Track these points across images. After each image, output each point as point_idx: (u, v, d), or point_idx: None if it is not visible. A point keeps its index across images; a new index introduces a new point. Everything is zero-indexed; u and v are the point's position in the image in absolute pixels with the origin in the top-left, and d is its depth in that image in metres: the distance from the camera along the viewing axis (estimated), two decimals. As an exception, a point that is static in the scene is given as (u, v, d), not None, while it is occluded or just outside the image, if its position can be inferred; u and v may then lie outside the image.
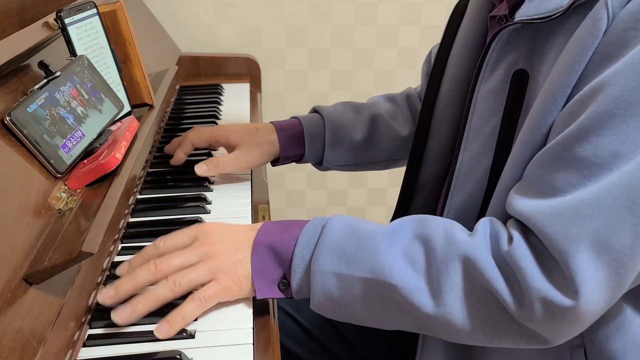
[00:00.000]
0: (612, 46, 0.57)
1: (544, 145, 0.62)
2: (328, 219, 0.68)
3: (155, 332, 0.62)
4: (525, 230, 0.61)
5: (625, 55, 0.56)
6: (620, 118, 0.55)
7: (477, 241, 0.61)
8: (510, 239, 0.61)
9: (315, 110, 1.04)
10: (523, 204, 0.60)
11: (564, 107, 0.61)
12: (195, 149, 0.99)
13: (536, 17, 0.63)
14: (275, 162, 1.00)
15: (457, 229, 0.64)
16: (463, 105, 0.83)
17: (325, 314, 0.67)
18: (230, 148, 0.96)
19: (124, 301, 0.63)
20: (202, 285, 0.65)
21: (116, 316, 0.62)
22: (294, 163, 1.04)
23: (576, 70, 0.59)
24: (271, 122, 1.00)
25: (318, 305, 0.66)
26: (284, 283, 0.66)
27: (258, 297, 0.66)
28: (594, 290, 0.55)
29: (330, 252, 0.64)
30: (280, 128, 0.98)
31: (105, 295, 0.63)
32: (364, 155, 1.02)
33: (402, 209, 0.94)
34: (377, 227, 0.66)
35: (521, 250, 0.59)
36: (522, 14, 0.65)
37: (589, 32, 0.58)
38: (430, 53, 1.06)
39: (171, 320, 0.62)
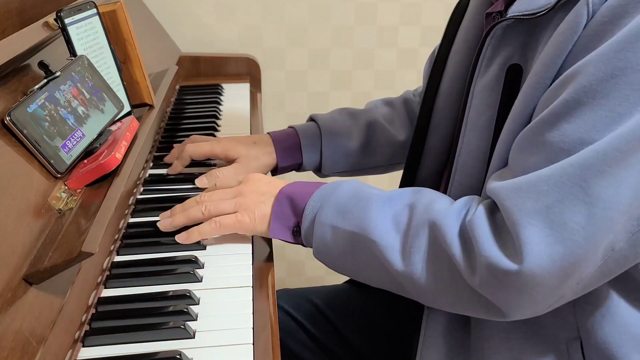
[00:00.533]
0: (589, 39, 0.59)
1: None
2: (343, 181, 0.76)
3: (176, 238, 0.78)
4: (493, 205, 0.64)
5: (599, 47, 0.58)
6: (588, 106, 0.57)
7: (450, 211, 0.66)
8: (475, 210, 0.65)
9: (312, 119, 1.06)
10: (494, 183, 0.64)
11: None
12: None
13: (527, 13, 0.65)
14: (274, 171, 1.03)
15: (443, 200, 0.69)
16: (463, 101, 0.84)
17: (324, 263, 0.75)
18: (229, 161, 0.99)
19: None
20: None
21: (160, 223, 0.80)
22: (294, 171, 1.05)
23: (556, 64, 0.61)
24: (268, 133, 1.03)
25: (317, 254, 0.75)
26: (297, 230, 0.76)
27: (270, 236, 0.77)
28: (541, 259, 0.57)
29: (333, 207, 0.72)
30: (277, 139, 1.01)
31: (164, 222, 0.80)
32: (361, 161, 1.05)
33: None
34: (379, 192, 0.73)
35: (479, 220, 0.62)
36: (514, 10, 0.67)
37: (569, 27, 0.60)
38: (433, 53, 1.06)
39: (190, 232, 0.77)
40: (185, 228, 0.79)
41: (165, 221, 0.80)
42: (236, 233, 0.80)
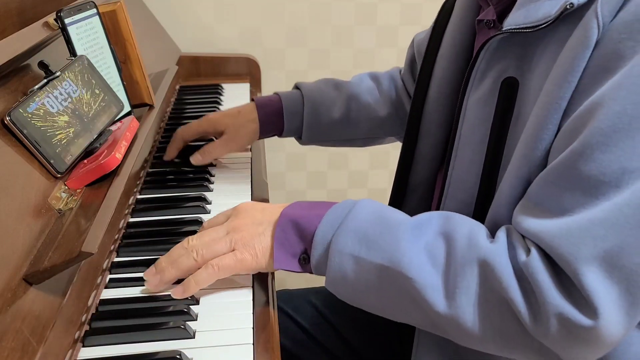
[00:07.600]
0: (608, 58, 0.56)
1: (544, 159, 0.61)
2: (357, 201, 0.68)
3: (171, 293, 0.67)
4: (539, 246, 0.59)
5: (622, 67, 0.55)
6: (624, 132, 0.54)
7: (499, 248, 0.60)
8: (528, 250, 0.59)
9: (297, 87, 1.08)
10: (531, 223, 0.59)
11: (561, 120, 0.59)
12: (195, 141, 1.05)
13: (525, 26, 0.62)
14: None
15: (483, 233, 0.63)
16: (452, 108, 0.82)
17: (339, 295, 0.67)
18: (219, 135, 1.03)
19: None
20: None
21: (148, 284, 0.69)
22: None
23: (569, 82, 0.58)
24: (253, 99, 1.06)
25: (332, 285, 0.66)
26: (305, 258, 0.68)
27: (275, 268, 0.68)
28: (612, 311, 0.54)
29: (352, 233, 0.64)
30: (261, 105, 1.04)
31: (152, 282, 0.69)
32: (341, 132, 1.06)
33: None
34: (405, 218, 0.66)
35: (538, 264, 0.57)
36: (510, 23, 0.64)
37: (580, 42, 0.57)
38: (413, 41, 1.06)
39: (186, 284, 0.67)
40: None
41: (153, 279, 0.69)
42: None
